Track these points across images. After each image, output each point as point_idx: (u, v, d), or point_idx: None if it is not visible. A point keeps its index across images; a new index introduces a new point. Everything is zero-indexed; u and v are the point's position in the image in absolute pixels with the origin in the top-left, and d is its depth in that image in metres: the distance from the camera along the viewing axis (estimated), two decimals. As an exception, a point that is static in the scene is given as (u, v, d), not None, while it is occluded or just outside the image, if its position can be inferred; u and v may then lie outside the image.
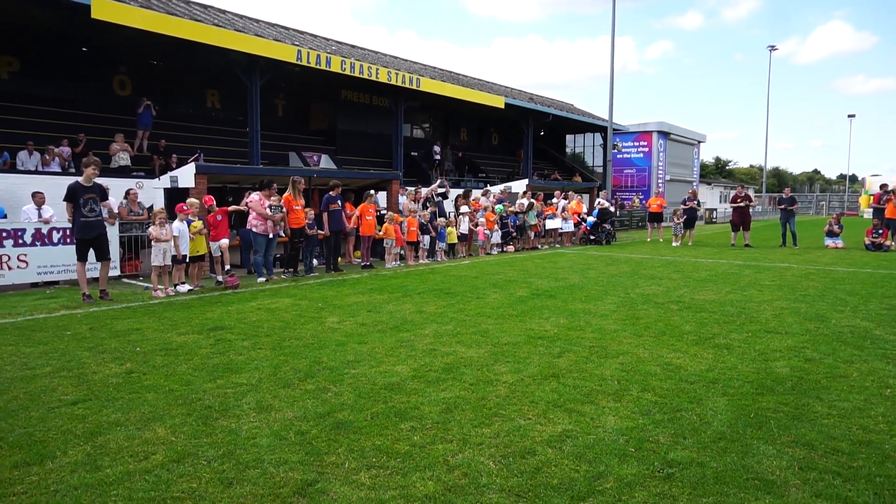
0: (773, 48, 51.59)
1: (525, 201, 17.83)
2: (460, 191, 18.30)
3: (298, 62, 16.62)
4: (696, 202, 19.99)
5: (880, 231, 17.34)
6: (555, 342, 6.06)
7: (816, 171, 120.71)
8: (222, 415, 4.09)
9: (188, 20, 14.59)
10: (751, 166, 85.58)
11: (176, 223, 9.32)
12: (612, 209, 22.25)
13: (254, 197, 10.48)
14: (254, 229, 10.50)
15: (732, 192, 19.96)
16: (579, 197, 21.18)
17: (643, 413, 4.15)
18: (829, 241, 18.44)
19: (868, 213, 19.94)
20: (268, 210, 10.47)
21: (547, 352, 5.71)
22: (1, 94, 15.49)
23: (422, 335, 6.36)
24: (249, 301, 8.45)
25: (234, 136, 19.58)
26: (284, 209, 10.83)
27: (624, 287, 9.72)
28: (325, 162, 20.45)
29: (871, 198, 20.15)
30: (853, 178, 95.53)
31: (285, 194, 11.05)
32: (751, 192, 22.08)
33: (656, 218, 21.18)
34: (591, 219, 19.97)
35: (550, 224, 18.88)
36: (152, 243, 8.94)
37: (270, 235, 10.66)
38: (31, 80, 16.65)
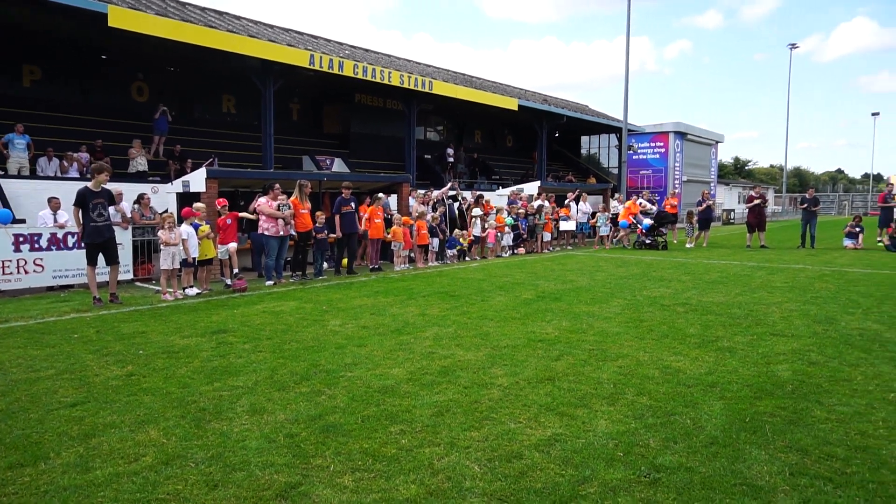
0: (793, 46, 50.80)
1: (536, 203, 17.77)
2: (475, 193, 18.33)
3: (311, 66, 16.78)
4: (710, 203, 19.75)
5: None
6: (555, 345, 6.03)
7: (840, 171, 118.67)
8: (215, 417, 4.13)
9: (203, 27, 14.81)
10: (771, 166, 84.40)
11: (184, 226, 9.45)
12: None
13: (261, 200, 10.58)
14: (266, 232, 10.60)
15: (749, 193, 19.65)
16: (635, 198, 20.59)
17: (636, 417, 4.11)
18: (847, 242, 18.11)
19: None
20: (277, 209, 10.56)
21: (545, 355, 5.68)
22: (24, 101, 15.85)
23: (422, 338, 6.37)
24: (255, 304, 8.53)
25: (250, 141, 19.79)
26: (292, 209, 10.91)
27: (631, 289, 9.64)
28: (338, 165, 20.58)
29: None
30: (878, 178, 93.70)
31: (291, 198, 11.13)
32: (769, 193, 21.76)
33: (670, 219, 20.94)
34: (647, 221, 18.57)
35: (564, 226, 18.79)
36: (161, 247, 9.06)
37: (282, 234, 10.73)
38: (53, 87, 17.02)
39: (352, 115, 24.57)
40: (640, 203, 19.90)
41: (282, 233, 10.69)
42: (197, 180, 11.47)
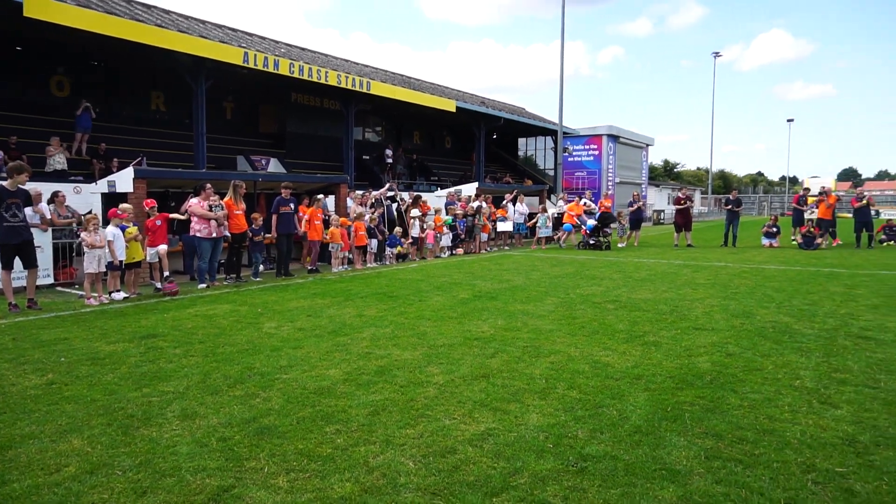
0: (717, 55, 53.39)
1: (475, 204, 17.99)
2: (413, 194, 18.38)
3: (245, 64, 16.39)
4: (640, 204, 20.52)
5: (812, 230, 18.20)
6: (490, 343, 6.16)
7: (760, 174, 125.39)
8: (144, 424, 4.02)
9: (129, 20, 14.22)
10: (698, 169, 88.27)
11: (110, 228, 9.07)
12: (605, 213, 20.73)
13: (192, 201, 10.28)
14: (197, 234, 10.30)
15: (677, 195, 20.53)
16: (577, 199, 20.69)
17: (566, 410, 4.27)
18: (765, 241, 19.21)
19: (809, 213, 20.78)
20: (209, 210, 10.29)
21: (481, 352, 5.80)
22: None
23: (358, 339, 6.37)
24: (187, 308, 8.29)
25: (181, 140, 19.12)
26: (225, 210, 10.65)
27: (565, 288, 9.93)
28: (274, 166, 20.19)
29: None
30: (794, 180, 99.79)
31: (226, 198, 10.88)
32: (696, 195, 22.80)
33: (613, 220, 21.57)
34: (591, 222, 18.73)
35: (501, 227, 19.08)
36: (85, 250, 8.67)
37: (214, 235, 10.45)
38: (-40, 80, 15.95)
39: (288, 115, 24.14)
40: (584, 203, 20.30)
41: (214, 234, 10.41)
42: (124, 180, 11.03)
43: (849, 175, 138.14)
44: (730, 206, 19.47)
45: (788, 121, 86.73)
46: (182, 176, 12.80)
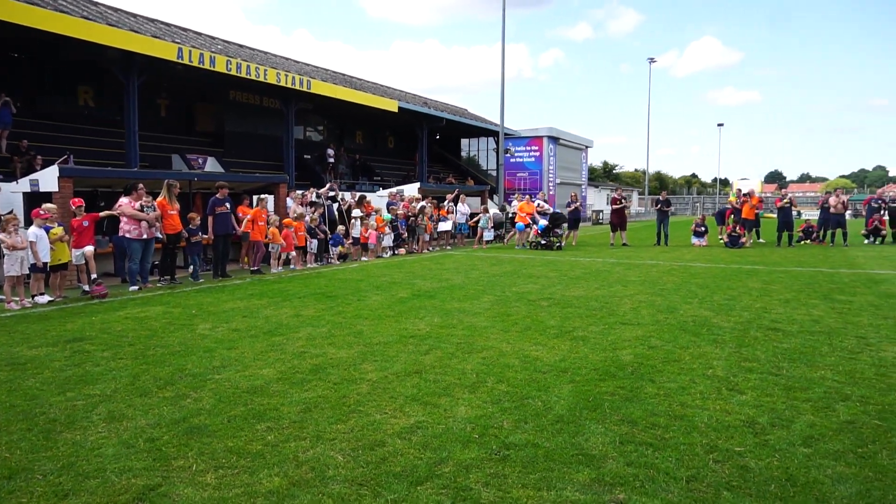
0: (652, 60, 55.35)
1: (422, 204, 18.12)
2: (356, 194, 18.34)
3: (180, 60, 15.97)
4: (578, 204, 21.13)
5: (737, 229, 19.19)
6: (425, 340, 6.30)
7: (694, 175, 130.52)
8: (67, 427, 3.95)
9: (52, 11, 13.63)
10: (636, 170, 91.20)
11: (32, 229, 8.72)
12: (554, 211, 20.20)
13: (122, 201, 9.98)
14: (127, 235, 10.00)
15: (612, 195, 21.24)
16: (528, 198, 20.74)
17: (494, 402, 4.45)
18: (695, 240, 20.13)
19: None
20: (139, 211, 10.01)
21: (416, 349, 5.92)
22: None
23: (294, 339, 6.39)
24: (117, 310, 8.07)
25: (111, 137, 18.43)
26: (158, 210, 10.39)
27: (502, 286, 10.18)
28: (212, 165, 19.75)
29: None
30: (725, 182, 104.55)
31: (159, 198, 10.61)
32: (634, 195, 23.60)
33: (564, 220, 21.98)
34: (542, 222, 18.62)
35: (442, 227, 19.27)
36: (5, 252, 8.31)
37: (145, 236, 10.16)
38: None
39: (226, 113, 23.62)
40: (538, 204, 20.40)
41: (145, 235, 10.13)
42: (48, 179, 10.60)
43: (774, 177, 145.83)
44: (660, 207, 20.30)
45: (719, 125, 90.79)
46: (112, 175, 12.37)
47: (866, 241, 20.22)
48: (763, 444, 3.72)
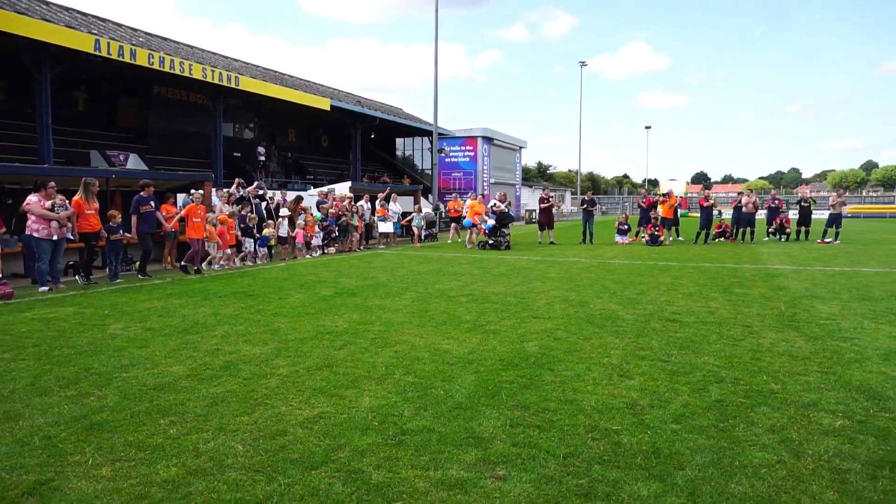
0: (583, 64, 57.12)
1: (360, 203, 18.11)
2: (286, 193, 18.16)
3: (97, 52, 15.43)
4: (507, 203, 21.61)
5: (657, 227, 20.16)
6: (341, 336, 6.43)
7: (626, 176, 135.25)
8: (-41, 428, 3.88)
9: (-45, -2, 12.92)
10: (569, 171, 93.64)
11: (-70, 228, 8.30)
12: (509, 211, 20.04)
13: (31, 199, 9.61)
14: (35, 234, 9.63)
15: (540, 195, 21.85)
16: (480, 196, 20.58)
17: (398, 392, 4.64)
18: (618, 238, 21.00)
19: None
20: (49, 210, 9.66)
21: (330, 345, 6.06)
22: None
23: (209, 336, 6.39)
24: (23, 312, 7.80)
25: (22, 131, 17.56)
26: (71, 208, 10.05)
27: (425, 284, 10.41)
28: (134, 161, 19.12)
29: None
30: (654, 182, 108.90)
31: (75, 197, 10.27)
32: (567, 195, 24.27)
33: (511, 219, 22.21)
34: (490, 222, 18.52)
35: (382, 227, 19.29)
36: None
37: (55, 237, 9.80)
38: None
39: (151, 108, 22.92)
40: (495, 204, 20.26)
41: (55, 236, 9.78)
42: (-52, 175, 10.07)
43: (700, 178, 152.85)
44: (585, 206, 21.06)
45: (646, 128, 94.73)
46: (20, 171, 11.85)
47: (766, 238, 21.64)
48: (639, 422, 4.08)
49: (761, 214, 21.50)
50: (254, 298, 8.81)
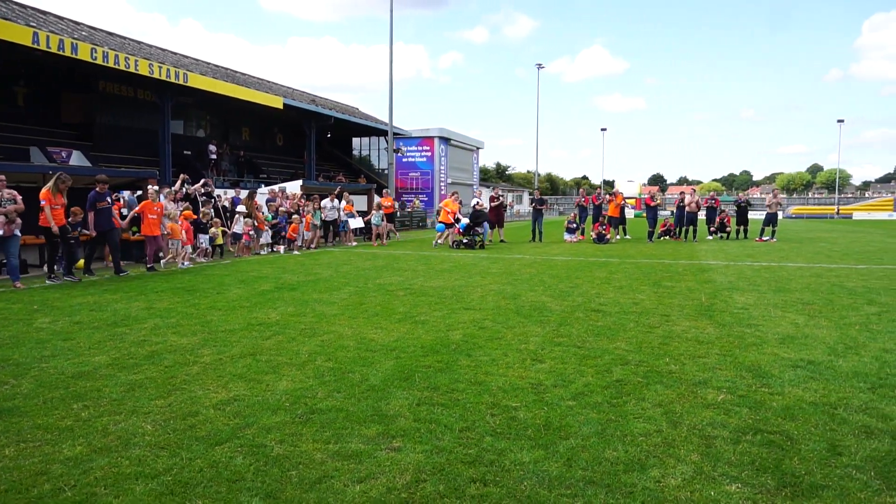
0: (540, 66, 57.80)
1: (326, 203, 18.11)
2: (242, 192, 18.03)
3: (36, 46, 15.08)
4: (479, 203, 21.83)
5: (604, 226, 20.73)
6: (271, 327, 6.56)
7: (584, 177, 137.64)
8: None
9: None
10: (528, 171, 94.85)
11: None
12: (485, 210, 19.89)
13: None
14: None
15: (491, 194, 22.21)
16: (456, 195, 20.48)
17: (316, 377, 4.81)
18: (567, 237, 21.50)
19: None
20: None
21: (259, 335, 6.18)
22: None
23: (138, 329, 6.44)
24: (-51, 307, 7.68)
25: (-43, 126, 17.03)
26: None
27: (367, 279, 10.57)
28: (77, 158, 18.71)
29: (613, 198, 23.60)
30: (611, 184, 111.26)
31: (43, 190, 10.06)
32: (524, 195, 24.60)
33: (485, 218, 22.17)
34: (464, 220, 18.35)
35: (354, 224, 19.27)
36: None
37: (1, 232, 9.59)
38: None
39: (96, 105, 22.41)
40: (478, 203, 20.12)
41: (2, 231, 9.56)
42: None
43: (656, 180, 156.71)
44: (534, 205, 21.51)
45: (602, 130, 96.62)
46: (-47, 166, 11.53)
47: (709, 237, 22.48)
48: (539, 400, 4.34)
49: (703, 214, 22.28)
50: (191, 294, 8.83)
